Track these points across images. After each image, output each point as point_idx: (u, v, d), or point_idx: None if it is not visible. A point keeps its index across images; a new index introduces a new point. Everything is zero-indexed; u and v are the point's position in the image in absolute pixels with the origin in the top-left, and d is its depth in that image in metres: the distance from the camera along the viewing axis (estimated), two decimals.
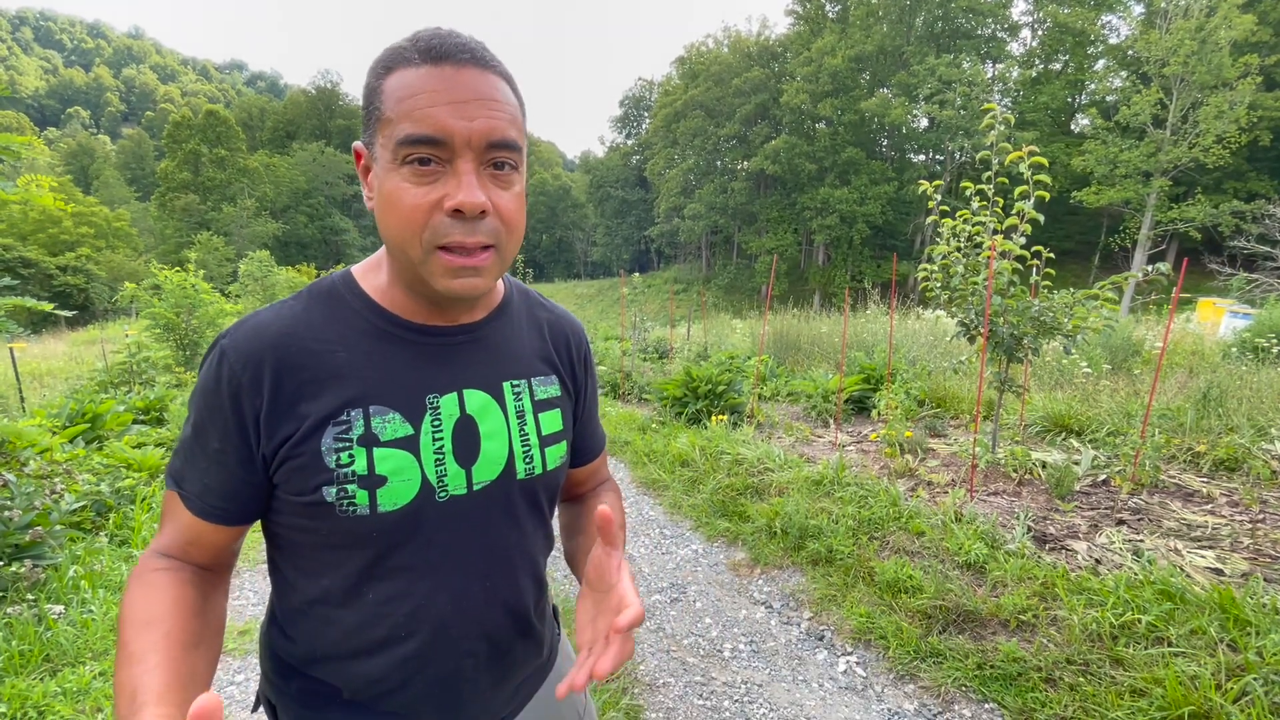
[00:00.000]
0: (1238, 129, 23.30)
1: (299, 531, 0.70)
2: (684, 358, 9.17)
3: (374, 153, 0.63)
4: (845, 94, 37.17)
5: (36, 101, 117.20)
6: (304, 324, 0.68)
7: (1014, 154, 3.66)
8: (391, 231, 0.62)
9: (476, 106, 0.59)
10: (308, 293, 0.72)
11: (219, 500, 0.68)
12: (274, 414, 0.65)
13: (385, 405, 0.67)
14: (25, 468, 3.23)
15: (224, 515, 0.69)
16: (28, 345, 15.26)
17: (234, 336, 0.66)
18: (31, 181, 2.85)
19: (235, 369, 0.65)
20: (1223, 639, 2.13)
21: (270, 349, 0.65)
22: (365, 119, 0.64)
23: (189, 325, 10.37)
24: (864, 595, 2.88)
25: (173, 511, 0.69)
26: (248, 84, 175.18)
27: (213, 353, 0.66)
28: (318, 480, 0.65)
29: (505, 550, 0.76)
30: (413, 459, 0.68)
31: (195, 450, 0.67)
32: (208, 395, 0.66)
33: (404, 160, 0.60)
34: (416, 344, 0.71)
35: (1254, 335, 7.59)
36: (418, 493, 0.68)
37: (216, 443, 0.66)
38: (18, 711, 2.08)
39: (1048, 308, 3.70)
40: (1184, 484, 3.70)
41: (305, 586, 0.72)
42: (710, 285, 43.68)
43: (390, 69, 0.61)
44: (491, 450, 0.73)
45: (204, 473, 0.67)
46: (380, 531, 0.67)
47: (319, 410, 0.65)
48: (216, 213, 45.98)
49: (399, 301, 0.71)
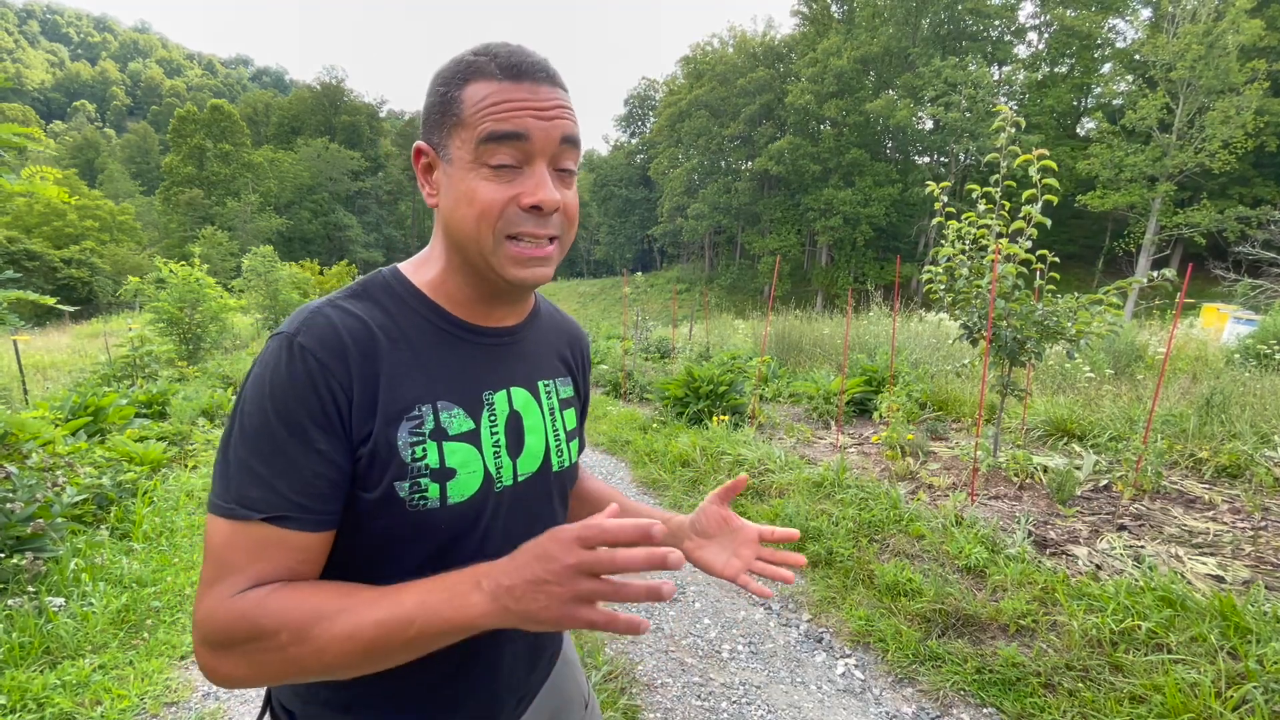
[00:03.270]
0: (1244, 134, 23.22)
1: (356, 530, 0.67)
2: (686, 357, 9.17)
3: (446, 154, 0.67)
4: (850, 95, 37.09)
5: (43, 95, 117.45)
6: (370, 320, 0.68)
7: (1023, 157, 3.65)
8: (466, 223, 0.66)
9: (554, 112, 0.66)
10: (364, 289, 0.72)
11: (331, 504, 0.64)
12: (360, 407, 0.65)
13: (450, 401, 0.70)
14: (27, 460, 3.23)
15: (335, 517, 0.65)
16: (31, 338, 15.31)
17: (308, 334, 0.64)
18: (36, 174, 2.85)
19: (324, 360, 0.63)
20: (1223, 646, 2.12)
21: (347, 346, 0.65)
22: (435, 122, 0.68)
23: (192, 319, 10.40)
24: (863, 598, 2.87)
25: (261, 549, 0.60)
26: (253, 79, 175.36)
27: (287, 350, 0.63)
28: (391, 474, 0.65)
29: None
30: (476, 452, 0.71)
31: (287, 459, 0.61)
32: (295, 392, 0.61)
33: (484, 161, 0.65)
34: (472, 343, 0.75)
35: (1258, 341, 7.56)
36: (480, 484, 0.71)
37: (322, 442, 0.62)
38: (17, 703, 2.08)
39: (1052, 312, 3.69)
40: (1186, 490, 3.69)
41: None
42: (713, 285, 43.63)
43: (468, 80, 0.65)
44: (533, 444, 0.79)
45: (310, 480, 0.62)
46: (448, 523, 0.69)
47: (395, 405, 0.66)
48: (221, 207, 46.08)
49: (453, 299, 0.74)
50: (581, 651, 2.62)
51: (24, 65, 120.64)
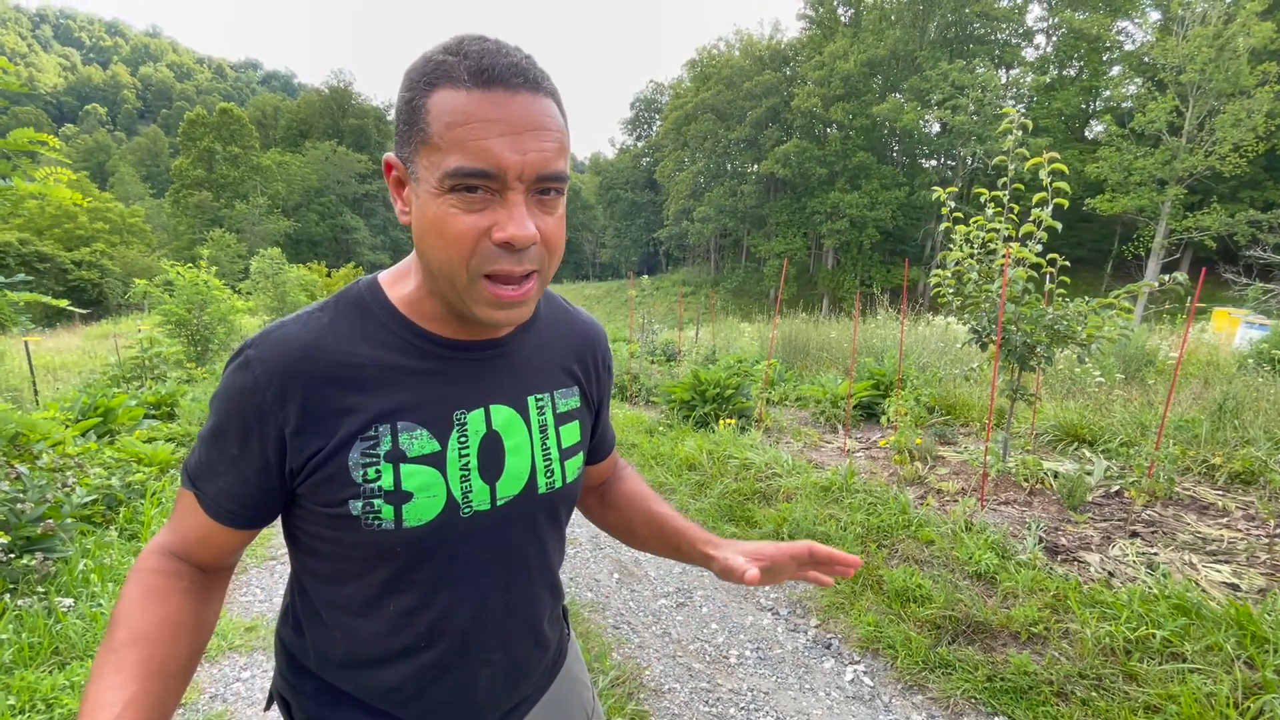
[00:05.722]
0: (1255, 137, 23.00)
1: (323, 540, 0.70)
2: (692, 361, 9.15)
3: (414, 171, 0.60)
4: (857, 98, 37.04)
5: (55, 98, 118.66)
6: (331, 336, 0.66)
7: (1033, 160, 3.62)
8: (436, 257, 0.61)
9: (529, 138, 0.57)
10: (335, 303, 0.70)
11: (234, 504, 0.68)
12: (301, 430, 0.64)
13: (413, 421, 0.67)
14: (38, 460, 3.25)
15: (236, 519, 0.69)
16: (42, 339, 15.43)
17: (260, 347, 0.65)
18: (50, 175, 2.87)
19: (260, 382, 0.64)
20: (1239, 656, 2.09)
21: (297, 363, 0.64)
22: (403, 133, 0.60)
23: (200, 321, 10.46)
24: (872, 604, 2.85)
25: (185, 510, 0.70)
26: (262, 83, 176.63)
27: (238, 359, 0.66)
28: (344, 494, 0.65)
29: (525, 563, 0.78)
30: (439, 475, 0.68)
31: (213, 452, 0.67)
32: (230, 402, 0.65)
33: (451, 188, 0.58)
34: (444, 359, 0.70)
35: (1270, 346, 7.49)
36: (442, 509, 0.68)
37: (235, 449, 0.66)
38: (26, 703, 2.09)
39: (1062, 316, 3.66)
40: (1199, 497, 3.64)
41: (325, 592, 0.73)
42: (719, 288, 43.59)
43: (434, 85, 0.57)
44: (515, 466, 0.74)
45: (220, 475, 0.67)
46: (404, 546, 0.68)
47: (347, 425, 0.65)
48: (229, 210, 46.39)
49: (427, 314, 0.69)
50: (588, 656, 2.61)
51: (37, 69, 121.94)
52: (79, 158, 67.73)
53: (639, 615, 3.02)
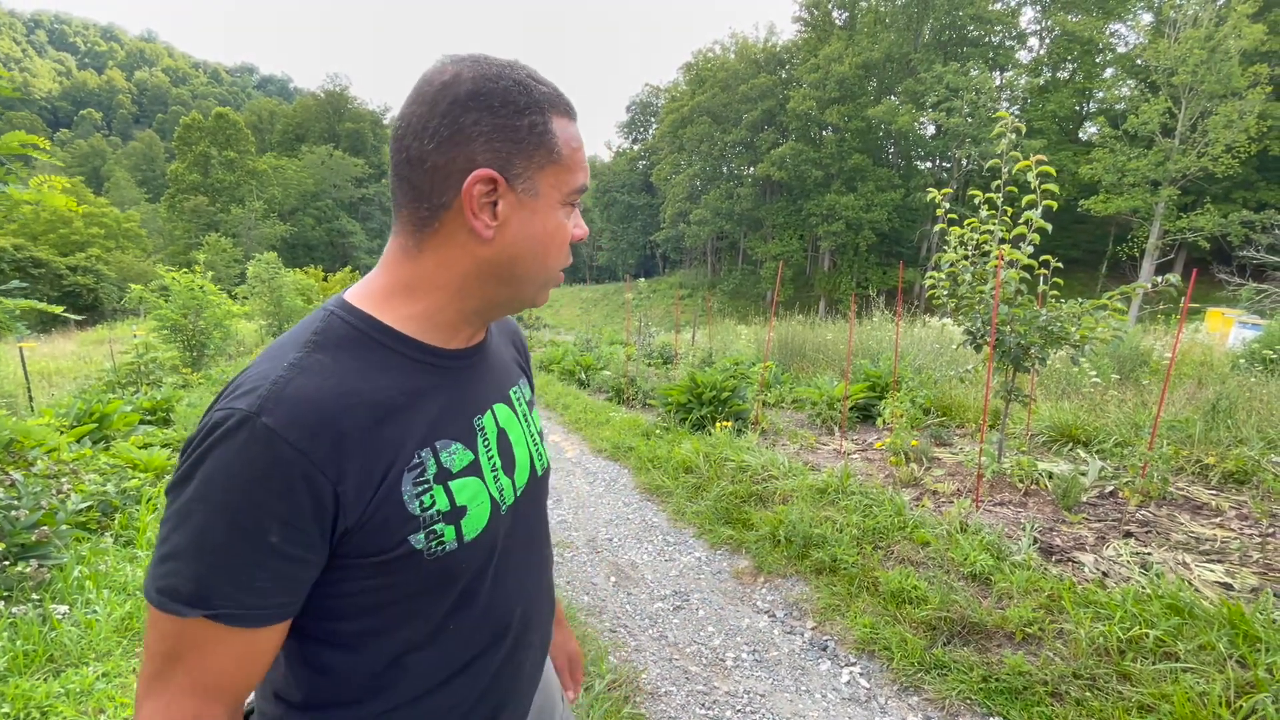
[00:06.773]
0: (1247, 138, 23.16)
1: (366, 593, 0.64)
2: (689, 363, 9.16)
3: (532, 187, 0.65)
4: (852, 101, 37.16)
5: (50, 103, 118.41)
6: (353, 376, 0.62)
7: (1022, 163, 3.65)
8: (547, 260, 0.69)
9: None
10: (320, 341, 0.63)
11: (284, 596, 0.59)
12: (355, 482, 0.59)
13: (448, 438, 0.69)
14: (33, 467, 3.25)
15: (286, 610, 0.60)
16: (37, 344, 15.37)
17: (278, 412, 0.56)
18: (44, 182, 2.87)
19: (301, 446, 0.56)
20: (1232, 655, 2.10)
21: (336, 413, 0.58)
22: (512, 151, 0.63)
23: (196, 326, 10.44)
24: (868, 605, 2.86)
25: (198, 646, 0.57)
26: (258, 87, 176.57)
27: (241, 433, 0.55)
28: (403, 532, 0.63)
29: (543, 540, 0.88)
30: (480, 482, 0.71)
31: (233, 556, 0.55)
32: (254, 485, 0.54)
33: (570, 202, 0.69)
34: (453, 370, 0.72)
35: (1263, 346, 7.52)
36: (490, 513, 0.72)
37: (276, 535, 0.56)
38: (21, 712, 2.08)
39: (1055, 317, 3.68)
40: (1192, 496, 3.66)
41: (368, 655, 0.66)
42: (716, 291, 43.65)
43: (548, 112, 0.65)
44: (521, 456, 0.80)
45: (256, 572, 0.56)
46: (467, 560, 0.69)
47: (392, 461, 0.62)
48: (225, 214, 46.33)
49: (431, 329, 0.69)
50: (585, 660, 2.61)
51: (31, 74, 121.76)
52: (74, 163, 67.60)
53: (635, 619, 3.02)
